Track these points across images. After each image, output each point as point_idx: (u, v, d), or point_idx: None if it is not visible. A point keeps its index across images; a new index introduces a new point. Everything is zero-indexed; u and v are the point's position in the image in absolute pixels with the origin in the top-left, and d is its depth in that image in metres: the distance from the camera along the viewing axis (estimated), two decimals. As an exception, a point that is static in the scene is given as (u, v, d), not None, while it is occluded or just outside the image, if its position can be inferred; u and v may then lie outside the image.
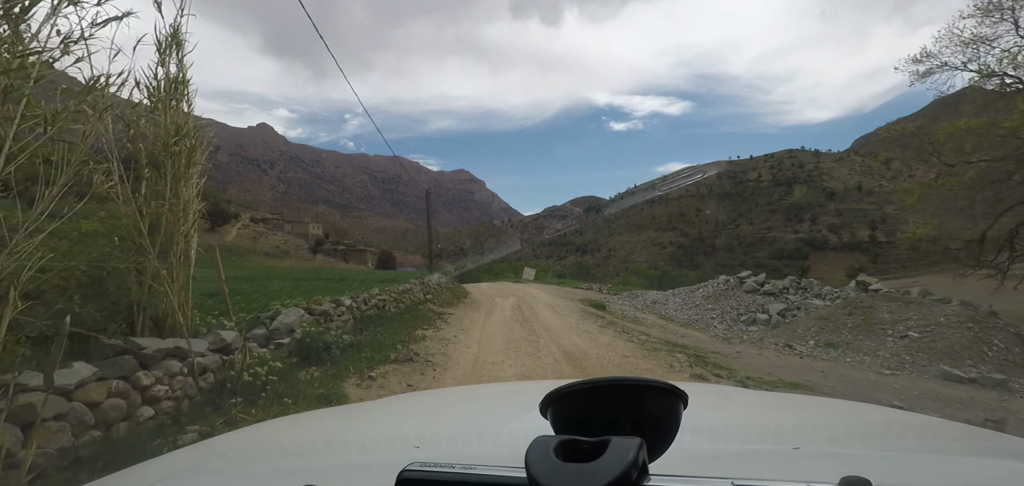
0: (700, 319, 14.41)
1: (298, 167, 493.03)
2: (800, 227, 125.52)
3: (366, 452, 1.28)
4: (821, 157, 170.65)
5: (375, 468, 0.98)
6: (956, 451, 1.14)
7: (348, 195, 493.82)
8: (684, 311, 15.68)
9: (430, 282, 16.73)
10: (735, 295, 15.69)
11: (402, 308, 11.58)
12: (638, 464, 0.51)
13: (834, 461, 1.01)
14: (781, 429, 1.33)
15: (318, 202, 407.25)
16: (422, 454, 1.00)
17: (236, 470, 1.15)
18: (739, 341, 11.31)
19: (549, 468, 0.51)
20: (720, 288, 16.79)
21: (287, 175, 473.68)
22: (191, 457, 1.30)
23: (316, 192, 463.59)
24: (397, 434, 1.40)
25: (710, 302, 15.84)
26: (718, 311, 14.75)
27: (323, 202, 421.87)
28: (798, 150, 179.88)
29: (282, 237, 62.58)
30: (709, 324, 13.70)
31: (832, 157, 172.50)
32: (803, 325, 12.06)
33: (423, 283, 15.38)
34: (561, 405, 0.71)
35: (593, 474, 0.49)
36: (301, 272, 18.77)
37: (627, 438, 0.54)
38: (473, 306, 15.37)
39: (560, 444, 0.56)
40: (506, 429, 1.42)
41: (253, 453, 1.31)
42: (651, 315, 15.25)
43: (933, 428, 1.41)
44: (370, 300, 10.15)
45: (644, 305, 17.98)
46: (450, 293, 17.99)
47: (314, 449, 1.30)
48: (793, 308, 13.79)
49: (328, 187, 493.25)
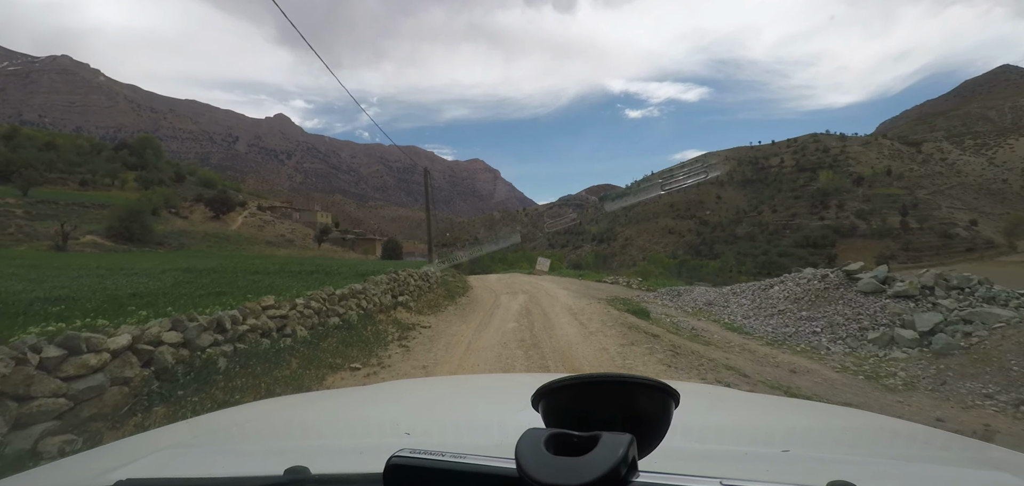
0: (794, 333, 9.67)
1: (315, 157, 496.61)
2: (826, 213, 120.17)
3: (356, 437, 1.27)
4: (847, 141, 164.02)
5: (365, 453, 0.99)
6: (944, 460, 1.14)
7: (364, 185, 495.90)
8: (761, 319, 11.03)
9: (412, 278, 13.52)
10: (843, 297, 10.57)
11: (351, 319, 8.32)
12: (628, 460, 0.51)
13: (822, 465, 1.02)
14: (771, 431, 1.33)
15: (334, 192, 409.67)
16: (412, 441, 1.05)
17: (226, 448, 1.16)
18: (895, 379, 6.93)
19: (539, 461, 0.51)
20: (814, 286, 11.39)
21: (304, 165, 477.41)
22: (181, 433, 1.29)
23: (332, 182, 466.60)
24: (388, 420, 1.40)
25: (800, 306, 10.92)
26: (822, 322, 9.84)
27: (339, 192, 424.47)
28: (823, 134, 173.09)
29: (289, 225, 61.23)
30: (813, 342, 9.13)
31: (858, 141, 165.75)
32: (1004, 350, 7.17)
33: (399, 280, 12.07)
34: (553, 399, 0.70)
35: (583, 468, 0.49)
36: (291, 261, 16.73)
37: (618, 434, 0.54)
38: (467, 310, 12.38)
39: (551, 437, 0.56)
40: (497, 420, 1.40)
41: (243, 432, 1.31)
42: (714, 325, 10.95)
43: (922, 437, 1.41)
44: (303, 308, 7.23)
45: (697, 309, 13.12)
46: (445, 289, 15.40)
47: (305, 431, 1.31)
48: (956, 322, 8.56)
49: (344, 177, 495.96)
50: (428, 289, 14.28)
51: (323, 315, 7.79)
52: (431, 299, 13.25)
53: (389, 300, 10.66)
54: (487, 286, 19.06)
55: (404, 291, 12.01)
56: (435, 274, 16.43)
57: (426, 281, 14.71)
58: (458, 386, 2.18)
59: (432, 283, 15.15)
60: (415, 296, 12.57)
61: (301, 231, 60.41)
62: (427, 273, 15.23)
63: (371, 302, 9.68)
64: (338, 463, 0.97)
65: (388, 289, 11.07)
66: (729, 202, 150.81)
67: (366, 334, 8.10)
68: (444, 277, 17.47)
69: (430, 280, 15.16)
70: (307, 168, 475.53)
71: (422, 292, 13.56)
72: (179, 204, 49.79)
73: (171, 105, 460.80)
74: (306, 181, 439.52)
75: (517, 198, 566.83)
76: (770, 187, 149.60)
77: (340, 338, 7.47)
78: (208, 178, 70.58)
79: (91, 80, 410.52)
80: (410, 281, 13.09)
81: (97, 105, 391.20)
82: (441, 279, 16.94)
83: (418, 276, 14.15)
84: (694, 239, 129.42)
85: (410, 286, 12.79)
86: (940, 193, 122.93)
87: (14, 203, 32.93)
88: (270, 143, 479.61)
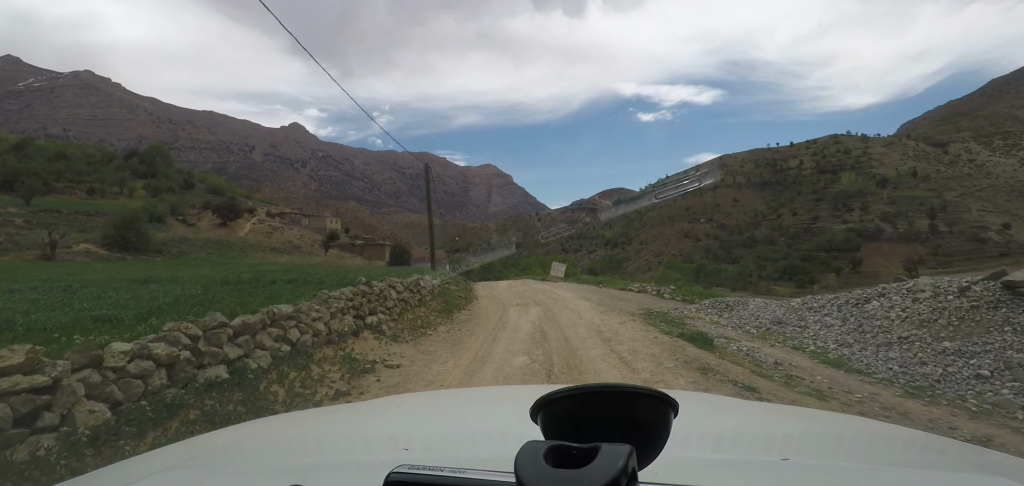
0: (942, 377, 6.43)
1: (329, 165, 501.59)
2: (849, 216, 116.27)
3: (354, 453, 1.27)
4: (869, 142, 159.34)
5: (363, 469, 0.99)
6: (942, 465, 1.14)
7: (377, 191, 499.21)
8: (870, 349, 7.86)
9: (393, 290, 10.96)
10: (1009, 319, 7.23)
11: (253, 368, 5.40)
12: (627, 471, 0.50)
13: (822, 473, 1.02)
14: (770, 439, 1.32)
15: (348, 199, 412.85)
16: (411, 456, 1.04)
17: (223, 468, 1.15)
18: None
19: (538, 473, 0.51)
20: (950, 304, 8.12)
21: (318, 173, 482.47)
22: (177, 454, 1.27)
23: (346, 189, 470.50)
24: (386, 435, 1.39)
25: (933, 332, 7.69)
26: (987, 359, 6.56)
27: (353, 198, 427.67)
28: (843, 135, 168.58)
29: (298, 231, 60.49)
30: (983, 393, 5.82)
31: (881, 142, 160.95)
32: None
33: (370, 293, 9.64)
34: (552, 410, 0.70)
35: (582, 480, 0.48)
36: (277, 269, 15.30)
37: (617, 445, 0.53)
38: (463, 331, 10.02)
39: (550, 449, 0.55)
40: (496, 433, 1.39)
41: (241, 451, 1.30)
42: (803, 357, 7.85)
43: (920, 442, 1.39)
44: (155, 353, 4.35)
45: (763, 329, 10.13)
46: (441, 302, 13.37)
47: (303, 448, 1.30)
48: None
49: (358, 184, 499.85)
50: (417, 303, 12.08)
51: (201, 360, 4.89)
52: (417, 317, 10.86)
53: (350, 324, 8.06)
54: (494, 296, 17.16)
55: (378, 308, 9.53)
56: (431, 284, 14.33)
57: (416, 293, 12.50)
58: (457, 399, 2.20)
59: (424, 295, 13.02)
60: (394, 314, 10.16)
61: (309, 237, 59.65)
62: (419, 283, 13.07)
63: (312, 329, 6.97)
64: (337, 480, 0.96)
65: (349, 307, 8.44)
66: (746, 205, 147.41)
67: (273, 391, 5.26)
68: (444, 286, 15.67)
69: (422, 291, 13.01)
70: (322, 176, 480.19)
71: (407, 308, 11.15)
72: (186, 211, 49.24)
73: (189, 116, 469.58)
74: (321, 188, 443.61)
75: (529, 203, 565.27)
76: (789, 189, 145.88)
77: (205, 411, 4.47)
78: (217, 185, 70.38)
79: (113, 94, 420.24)
80: (390, 294, 10.60)
81: (118, 118, 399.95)
82: (441, 289, 15.18)
83: (404, 287, 11.83)
84: (711, 243, 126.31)
85: (388, 301, 10.31)
86: (969, 195, 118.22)
87: (15, 212, 32.38)
88: (285, 151, 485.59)
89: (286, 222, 65.30)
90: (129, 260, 24.95)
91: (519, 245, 58.83)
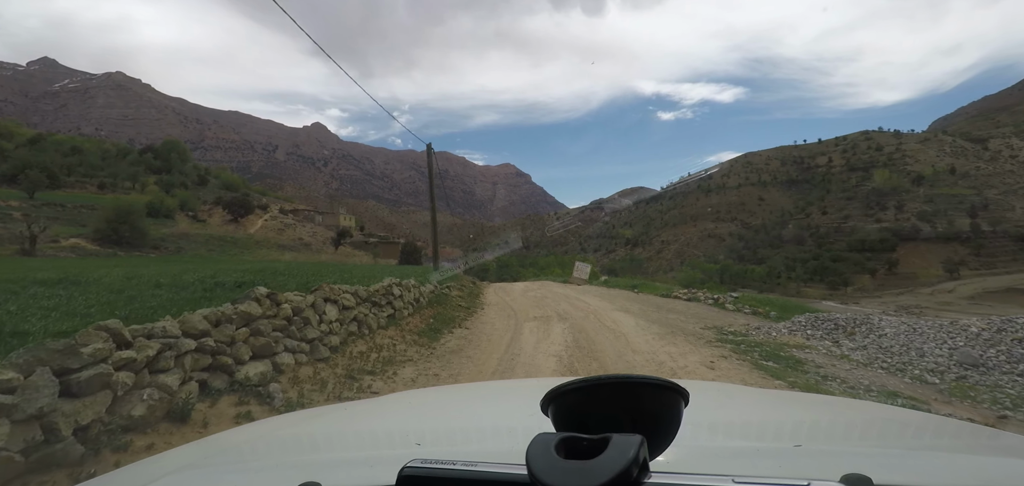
0: None
1: (350, 164, 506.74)
2: (883, 215, 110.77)
3: (367, 449, 1.27)
4: (902, 138, 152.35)
5: (377, 465, 0.99)
6: (956, 448, 1.13)
7: (397, 190, 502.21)
8: None
9: (353, 299, 7.56)
10: None
11: None
12: (639, 461, 0.51)
13: (835, 459, 1.02)
14: (782, 426, 1.33)
15: (368, 197, 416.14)
16: (423, 451, 1.06)
17: (237, 467, 1.15)
18: None
19: (550, 465, 0.51)
20: None
21: (339, 172, 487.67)
22: (192, 454, 1.27)
23: (367, 188, 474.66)
24: (398, 431, 1.38)
25: None
26: None
27: (373, 197, 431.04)
28: (875, 131, 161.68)
29: (310, 229, 59.56)
30: None
31: (915, 138, 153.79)
32: None
33: (279, 315, 5.67)
34: (562, 402, 0.70)
35: (594, 471, 0.49)
36: (284, 267, 13.58)
37: (628, 435, 0.54)
38: (442, 378, 6.40)
39: (561, 441, 0.56)
40: (506, 427, 1.39)
41: (254, 449, 1.31)
42: None
43: (933, 426, 1.39)
44: None
45: (955, 380, 6.04)
46: (429, 316, 10.31)
47: (315, 445, 1.30)
48: None
49: (378, 183, 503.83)
50: (388, 320, 8.57)
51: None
52: (375, 347, 7.20)
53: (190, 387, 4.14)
54: (506, 304, 14.24)
55: (281, 342, 5.41)
56: (420, 291, 11.25)
57: (387, 306, 8.90)
58: (468, 393, 2.23)
59: (402, 307, 9.55)
60: (328, 346, 6.29)
61: (322, 234, 58.67)
62: (392, 290, 9.40)
63: None
64: (350, 476, 0.96)
65: (204, 346, 4.47)
66: (772, 204, 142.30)
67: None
68: (440, 292, 13.04)
69: (400, 302, 9.57)
70: (343, 175, 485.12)
71: (359, 334, 7.37)
72: (198, 207, 48.54)
73: (215, 116, 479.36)
74: (342, 187, 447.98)
75: (548, 202, 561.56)
76: (818, 188, 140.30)
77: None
78: (231, 181, 69.97)
79: (143, 94, 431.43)
80: (326, 312, 6.60)
81: (148, 118, 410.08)
82: (436, 295, 12.51)
83: (365, 296, 8.07)
84: (736, 243, 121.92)
85: (317, 327, 6.21)
86: (1013, 193, 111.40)
87: (17, 205, 31.65)
88: (307, 151, 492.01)
89: (299, 219, 64.52)
90: (121, 256, 23.68)
91: (529, 244, 56.61)
